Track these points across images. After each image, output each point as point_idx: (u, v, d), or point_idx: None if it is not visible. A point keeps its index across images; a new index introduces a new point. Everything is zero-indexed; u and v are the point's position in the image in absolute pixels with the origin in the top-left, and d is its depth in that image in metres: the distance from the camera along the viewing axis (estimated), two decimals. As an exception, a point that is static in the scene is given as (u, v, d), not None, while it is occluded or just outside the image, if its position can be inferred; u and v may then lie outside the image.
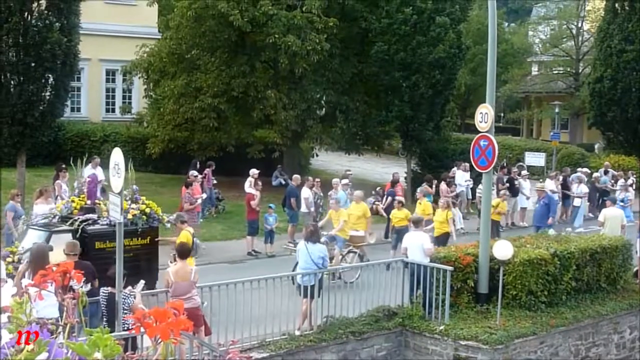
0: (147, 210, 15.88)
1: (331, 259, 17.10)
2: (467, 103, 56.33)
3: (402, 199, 22.51)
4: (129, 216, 15.20)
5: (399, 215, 21.30)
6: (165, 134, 30.98)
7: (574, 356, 16.09)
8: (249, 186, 23.26)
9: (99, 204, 15.56)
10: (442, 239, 20.42)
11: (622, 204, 23.98)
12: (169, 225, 16.73)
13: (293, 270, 16.34)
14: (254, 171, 24.33)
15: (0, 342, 2.23)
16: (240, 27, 28.10)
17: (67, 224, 14.95)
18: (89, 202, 15.69)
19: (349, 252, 19.75)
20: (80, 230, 14.68)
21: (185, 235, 15.81)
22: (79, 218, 15.04)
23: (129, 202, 15.62)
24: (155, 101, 33.18)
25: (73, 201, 15.73)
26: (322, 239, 18.46)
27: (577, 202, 26.89)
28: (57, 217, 15.56)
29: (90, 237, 14.51)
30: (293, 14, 28.30)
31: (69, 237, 14.19)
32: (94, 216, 15.21)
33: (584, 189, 27.68)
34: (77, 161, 17.23)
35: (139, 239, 15.49)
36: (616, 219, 20.68)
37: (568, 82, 53.13)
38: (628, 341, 17.49)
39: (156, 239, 16.00)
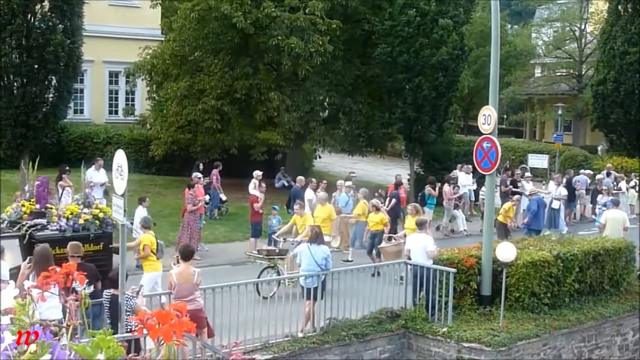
0: (101, 215, 15.20)
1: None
2: (470, 105, 56.31)
3: (377, 202, 21.48)
4: (81, 221, 14.71)
5: (374, 219, 20.60)
6: (168, 136, 30.99)
7: (577, 358, 16.08)
8: (253, 188, 23.25)
9: (50, 208, 15.01)
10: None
11: (604, 208, 23.43)
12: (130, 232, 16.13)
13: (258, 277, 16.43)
14: (257, 173, 24.35)
15: (1, 344, 2.23)
16: (244, 29, 28.10)
17: (15, 229, 14.33)
18: (38, 206, 15.01)
19: None
20: (28, 236, 14.11)
21: (148, 238, 15.61)
22: (27, 223, 14.49)
23: (81, 206, 15.25)
24: (158, 103, 33.19)
25: (23, 205, 14.99)
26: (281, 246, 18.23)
27: (555, 204, 26.05)
28: (5, 222, 14.89)
29: (38, 243, 13.18)
30: (296, 16, 28.30)
31: (15, 243, 13.69)
32: (43, 221, 14.64)
33: (563, 191, 27.28)
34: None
35: (91, 244, 14.66)
36: (617, 221, 20.64)
37: (571, 84, 53.09)
38: (631, 343, 17.48)
39: (110, 245, 15.21)
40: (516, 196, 25.29)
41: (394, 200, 25.08)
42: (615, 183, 30.95)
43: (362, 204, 22.07)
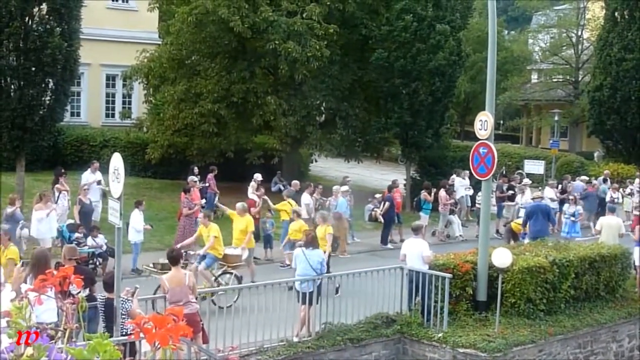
0: None
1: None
2: (467, 110, 56.34)
3: (299, 209, 20.54)
4: None
5: (293, 227, 19.36)
6: (164, 140, 30.97)
7: (572, 364, 16.08)
8: (251, 192, 23.25)
9: None
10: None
11: (572, 218, 23.23)
12: None
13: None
14: (257, 176, 24.39)
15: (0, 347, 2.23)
16: (241, 33, 28.12)
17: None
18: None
19: (223, 272, 17.72)
20: None
21: (13, 251, 15.02)
22: None
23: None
24: (155, 106, 33.17)
25: None
26: (191, 259, 17.35)
27: (521, 213, 24.65)
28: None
29: None
30: (293, 20, 28.32)
31: None
32: None
33: (519, 198, 26.63)
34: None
35: None
36: (613, 227, 20.66)
37: (567, 90, 53.17)
38: (627, 350, 17.48)
39: None
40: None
41: (387, 203, 25.13)
42: (612, 191, 31.00)
43: (286, 202, 22.00)
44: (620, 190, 31.04)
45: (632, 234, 21.02)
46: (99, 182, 22.65)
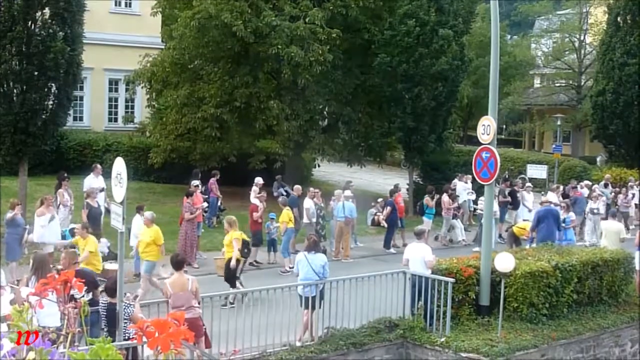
0: None
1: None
2: (470, 115, 56.34)
3: (231, 218, 18.90)
4: None
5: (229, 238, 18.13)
6: (167, 144, 30.99)
7: (575, 369, 16.06)
8: (253, 196, 23.25)
9: None
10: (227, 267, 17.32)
11: (563, 225, 23.15)
12: None
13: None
14: (259, 180, 24.40)
15: (0, 352, 2.23)
16: (244, 37, 28.14)
17: None
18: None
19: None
20: None
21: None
22: None
23: None
24: (157, 111, 33.21)
25: None
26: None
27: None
28: None
29: None
30: (296, 25, 28.33)
31: None
32: None
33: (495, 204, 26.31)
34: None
35: None
36: (613, 232, 20.63)
37: (570, 95, 53.15)
38: (629, 354, 17.45)
39: None
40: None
41: (389, 208, 25.14)
42: (614, 194, 30.99)
43: (285, 211, 22.01)
44: (621, 195, 31.01)
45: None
46: (102, 190, 22.61)
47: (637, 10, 37.96)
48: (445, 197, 26.52)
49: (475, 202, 28.54)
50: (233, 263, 16.97)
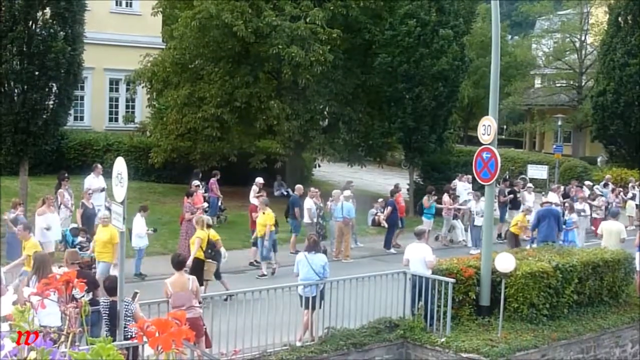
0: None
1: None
2: (470, 115, 56.36)
3: (208, 219, 18.73)
4: None
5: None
6: (168, 144, 30.99)
7: (576, 370, 16.06)
8: (253, 196, 23.23)
9: None
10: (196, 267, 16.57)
11: (564, 227, 23.01)
12: None
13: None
14: (259, 180, 24.38)
15: (1, 352, 2.23)
16: (244, 37, 28.15)
17: None
18: None
19: None
20: None
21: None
22: None
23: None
24: (158, 111, 33.21)
25: None
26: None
27: (478, 221, 23.94)
28: None
29: None
30: (297, 25, 28.34)
31: None
32: None
33: (473, 205, 25.55)
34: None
35: None
36: (614, 232, 20.63)
37: (571, 95, 53.14)
38: (630, 355, 17.45)
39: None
40: (526, 206, 25.13)
41: (389, 208, 25.15)
42: (614, 195, 30.99)
43: (268, 213, 21.80)
44: (621, 194, 31.03)
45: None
46: (102, 189, 22.60)
47: (638, 11, 37.97)
48: (445, 197, 26.53)
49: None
50: (189, 263, 15.74)
